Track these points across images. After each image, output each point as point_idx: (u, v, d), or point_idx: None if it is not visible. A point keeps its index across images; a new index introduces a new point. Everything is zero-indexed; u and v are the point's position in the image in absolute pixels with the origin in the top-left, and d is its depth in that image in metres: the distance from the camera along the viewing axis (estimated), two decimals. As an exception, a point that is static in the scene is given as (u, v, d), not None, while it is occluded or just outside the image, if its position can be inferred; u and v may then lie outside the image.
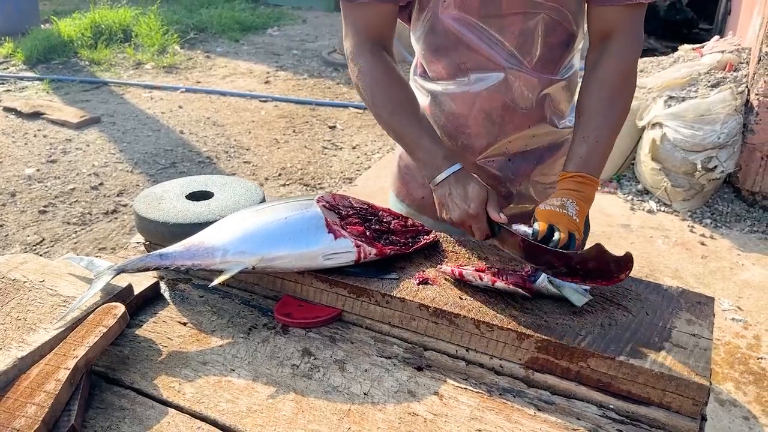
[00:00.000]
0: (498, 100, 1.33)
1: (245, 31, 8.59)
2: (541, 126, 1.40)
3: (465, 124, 1.39)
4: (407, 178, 1.57)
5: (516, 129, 1.38)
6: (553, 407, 0.96)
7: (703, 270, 3.25)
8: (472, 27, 1.28)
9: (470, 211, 1.20)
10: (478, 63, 1.32)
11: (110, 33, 7.64)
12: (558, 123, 1.42)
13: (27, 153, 4.63)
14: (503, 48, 1.29)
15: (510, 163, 1.44)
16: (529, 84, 1.32)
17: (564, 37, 1.30)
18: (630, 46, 1.26)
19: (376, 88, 1.30)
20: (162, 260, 1.14)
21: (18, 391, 0.90)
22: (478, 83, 1.33)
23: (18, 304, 1.09)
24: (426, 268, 1.20)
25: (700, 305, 1.11)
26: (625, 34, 1.25)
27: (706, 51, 4.29)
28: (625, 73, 1.26)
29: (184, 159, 4.63)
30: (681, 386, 0.93)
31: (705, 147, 3.55)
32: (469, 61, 1.32)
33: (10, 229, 3.62)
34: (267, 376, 1.01)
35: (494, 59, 1.30)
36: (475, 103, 1.35)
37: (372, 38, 1.32)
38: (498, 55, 1.29)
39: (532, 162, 1.45)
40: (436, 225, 1.46)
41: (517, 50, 1.29)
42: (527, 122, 1.38)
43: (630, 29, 1.25)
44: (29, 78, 6.37)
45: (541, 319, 1.05)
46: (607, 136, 1.24)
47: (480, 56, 1.31)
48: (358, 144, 4.97)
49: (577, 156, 1.23)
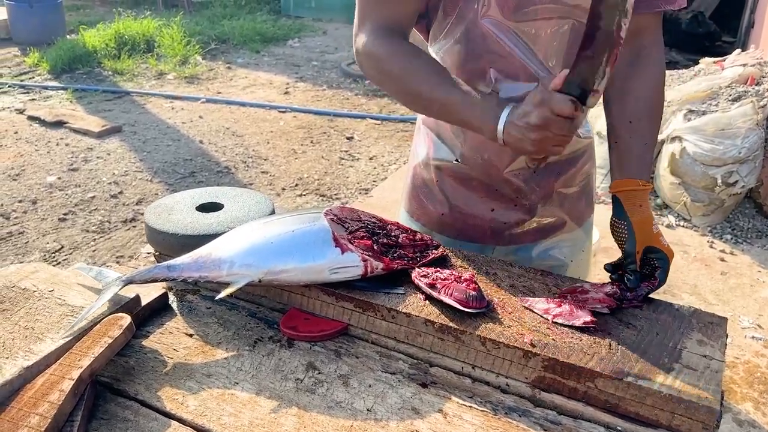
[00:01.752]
0: None
1: (266, 43, 8.67)
2: None
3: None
4: (422, 197, 1.52)
5: None
6: (560, 428, 0.95)
7: (723, 287, 3.20)
8: (508, 33, 1.24)
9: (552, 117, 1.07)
10: (509, 72, 1.27)
11: (133, 44, 7.76)
12: (580, 132, 1.41)
13: (49, 161, 4.70)
14: (535, 57, 1.26)
15: (535, 176, 1.41)
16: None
17: None
18: (661, 53, 1.28)
19: (410, 66, 1.22)
20: (170, 272, 1.14)
21: (22, 401, 0.91)
22: (507, 93, 1.27)
23: (27, 313, 1.10)
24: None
25: (713, 326, 1.09)
26: (653, 40, 1.27)
27: (728, 64, 4.24)
28: (663, 80, 1.29)
29: (203, 169, 4.67)
30: (690, 409, 0.91)
31: (725, 161, 3.51)
32: (501, 70, 1.28)
33: (31, 236, 3.68)
34: (270, 390, 1.01)
35: (526, 69, 1.26)
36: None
37: (392, 29, 1.26)
38: (530, 64, 1.26)
39: (554, 173, 1.43)
40: (454, 243, 1.45)
41: (547, 59, 1.26)
42: None
43: (656, 36, 1.28)
44: (54, 87, 6.49)
45: (549, 338, 1.03)
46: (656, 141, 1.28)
47: (512, 65, 1.26)
48: (375, 155, 4.98)
49: (645, 163, 1.24)
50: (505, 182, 1.41)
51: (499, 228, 1.46)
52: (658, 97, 1.27)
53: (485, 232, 1.47)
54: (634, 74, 1.26)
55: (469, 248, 1.44)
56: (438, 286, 1.11)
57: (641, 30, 1.25)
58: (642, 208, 1.19)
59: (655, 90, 1.27)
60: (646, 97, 1.25)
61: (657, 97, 1.27)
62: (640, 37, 1.26)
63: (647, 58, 1.26)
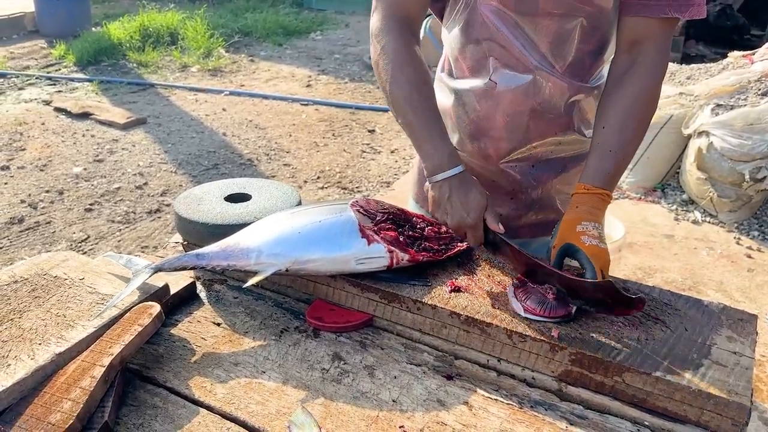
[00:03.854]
0: (524, 103, 1.30)
1: (289, 36, 8.68)
2: (569, 134, 1.36)
3: (489, 126, 1.36)
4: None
5: (542, 135, 1.35)
6: (586, 422, 0.94)
7: (750, 284, 3.15)
8: (509, 23, 1.25)
9: (469, 220, 1.17)
10: (507, 61, 1.28)
11: (158, 36, 7.82)
12: (586, 132, 1.38)
13: (75, 152, 4.76)
14: (535, 49, 1.26)
15: (533, 170, 1.41)
16: (558, 89, 1.29)
17: (598, 44, 1.28)
18: (659, 62, 1.22)
19: (398, 69, 1.25)
20: (198, 260, 1.15)
21: (55, 387, 0.93)
22: (505, 83, 1.29)
23: (58, 300, 1.12)
24: (459, 276, 1.19)
25: (743, 322, 1.07)
26: (655, 49, 1.21)
27: (757, 58, 4.16)
28: (653, 90, 1.22)
29: (226, 161, 4.70)
30: (720, 405, 0.90)
31: (753, 157, 3.45)
32: (499, 59, 1.29)
33: (57, 226, 3.73)
34: (297, 379, 1.01)
35: (524, 60, 1.27)
36: (500, 105, 1.32)
37: (401, 17, 1.28)
38: (529, 56, 1.26)
39: (555, 170, 1.41)
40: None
41: (549, 53, 1.26)
42: (554, 129, 1.35)
43: (660, 44, 1.21)
44: (79, 79, 6.56)
45: (576, 332, 1.03)
46: (630, 154, 1.22)
47: (510, 55, 1.27)
48: (397, 148, 4.97)
49: (604, 172, 1.19)
50: (502, 173, 1.41)
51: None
52: (640, 107, 1.21)
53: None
54: (623, 82, 1.22)
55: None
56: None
57: (642, 37, 1.20)
58: (577, 209, 1.17)
59: (639, 99, 1.21)
60: (625, 106, 1.20)
61: (638, 107, 1.21)
62: (639, 44, 1.21)
63: (642, 67, 1.21)
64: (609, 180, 1.19)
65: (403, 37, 1.27)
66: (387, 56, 1.26)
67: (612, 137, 1.20)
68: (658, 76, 1.23)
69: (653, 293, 1.16)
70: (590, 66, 1.30)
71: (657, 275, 3.21)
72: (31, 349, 0.99)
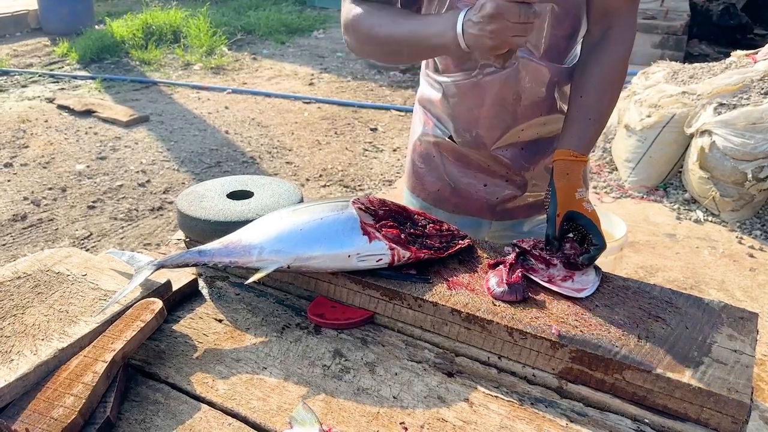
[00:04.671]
0: (510, 90, 1.34)
1: (291, 34, 8.69)
2: (552, 114, 1.41)
3: (478, 116, 1.39)
4: (421, 172, 1.57)
5: (528, 118, 1.39)
6: (586, 419, 0.95)
7: (752, 283, 3.15)
8: None
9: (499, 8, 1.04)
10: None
11: (160, 34, 7.84)
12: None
13: (78, 150, 4.78)
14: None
15: (523, 152, 1.45)
16: (539, 73, 1.33)
17: (570, 29, 1.32)
18: (628, 34, 1.30)
19: (375, 16, 1.25)
20: (201, 257, 1.16)
21: (57, 382, 0.93)
22: (491, 74, 1.33)
23: (61, 296, 1.12)
24: (460, 273, 1.19)
25: (743, 320, 1.07)
26: (624, 21, 1.28)
27: (760, 57, 4.15)
28: (625, 58, 1.29)
29: (228, 159, 4.71)
30: (720, 403, 0.90)
31: (756, 156, 3.44)
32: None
33: (60, 223, 3.74)
34: (298, 375, 1.02)
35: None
36: (486, 95, 1.35)
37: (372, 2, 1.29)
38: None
39: (544, 150, 1.46)
40: (451, 218, 1.51)
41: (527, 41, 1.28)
42: (539, 111, 1.39)
43: (628, 16, 1.29)
44: (82, 77, 6.58)
45: (576, 329, 1.03)
46: (605, 121, 1.30)
47: None
48: (399, 147, 4.98)
49: (587, 139, 1.26)
50: (494, 159, 1.44)
51: (492, 203, 1.50)
52: (614, 75, 1.29)
53: (480, 206, 1.51)
54: (596, 51, 1.29)
55: (467, 222, 1.50)
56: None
57: (611, 11, 1.28)
58: (569, 176, 1.23)
59: (612, 68, 1.28)
60: (600, 74, 1.28)
61: (613, 75, 1.28)
62: (609, 17, 1.28)
63: (613, 37, 1.28)
64: (589, 147, 1.28)
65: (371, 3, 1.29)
66: (366, 14, 1.27)
67: (592, 106, 1.27)
68: (628, 44, 1.30)
69: (654, 291, 1.16)
70: (565, 49, 1.35)
71: (659, 274, 3.21)
72: (34, 344, 0.99)
